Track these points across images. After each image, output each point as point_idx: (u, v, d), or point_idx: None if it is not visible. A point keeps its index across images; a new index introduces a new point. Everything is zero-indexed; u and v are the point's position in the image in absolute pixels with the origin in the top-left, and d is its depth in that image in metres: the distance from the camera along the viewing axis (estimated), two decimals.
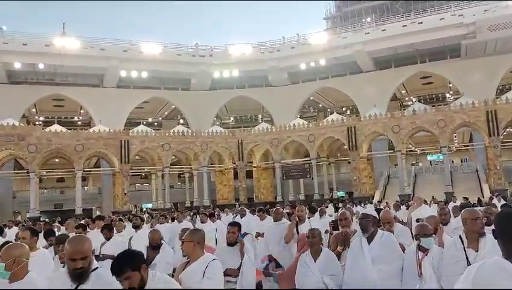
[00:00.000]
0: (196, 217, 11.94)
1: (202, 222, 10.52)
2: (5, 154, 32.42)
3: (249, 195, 38.87)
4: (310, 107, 52.15)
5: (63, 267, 5.24)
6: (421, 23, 39.33)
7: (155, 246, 6.30)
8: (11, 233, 10.83)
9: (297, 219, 7.04)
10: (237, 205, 30.18)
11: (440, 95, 47.75)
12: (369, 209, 5.34)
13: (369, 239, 4.55)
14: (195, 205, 35.06)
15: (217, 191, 40.48)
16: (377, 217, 4.85)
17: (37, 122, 43.71)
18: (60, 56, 38.50)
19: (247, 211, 14.22)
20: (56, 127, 34.74)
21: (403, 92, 47.44)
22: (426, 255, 4.26)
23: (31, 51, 38.66)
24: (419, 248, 4.31)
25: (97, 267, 3.09)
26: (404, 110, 37.97)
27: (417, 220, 8.74)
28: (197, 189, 37.98)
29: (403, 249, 4.88)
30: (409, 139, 36.63)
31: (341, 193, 39.61)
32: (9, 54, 38.41)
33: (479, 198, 23.37)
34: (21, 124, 34.84)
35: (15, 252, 3.31)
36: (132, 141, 35.02)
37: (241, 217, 11.97)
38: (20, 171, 36.95)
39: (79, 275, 2.96)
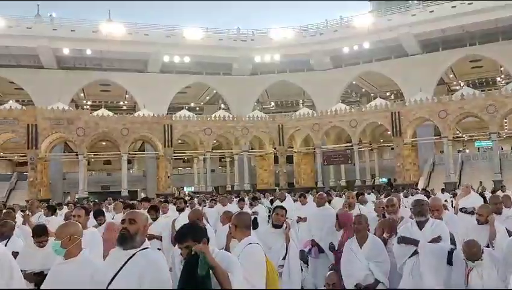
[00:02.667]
0: (244, 201, 12.03)
1: (240, 207, 10.55)
2: (55, 137, 33.83)
3: (289, 180, 38.83)
4: (353, 91, 51.19)
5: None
6: (471, 3, 37.43)
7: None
8: (61, 212, 11.35)
9: (347, 205, 6.98)
10: (277, 190, 30.29)
11: (490, 79, 45.61)
12: (420, 196, 5.21)
13: (420, 225, 4.46)
14: (236, 189, 35.42)
15: (258, 176, 40.69)
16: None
17: (85, 107, 45.30)
18: (106, 42, 39.61)
19: (288, 195, 14.25)
20: (103, 111, 35.86)
21: (451, 76, 45.63)
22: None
23: (79, 37, 39.94)
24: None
25: (147, 248, 3.14)
26: (452, 94, 36.55)
27: (461, 209, 8.46)
28: (238, 173, 38.35)
29: (452, 237, 4.76)
30: (456, 125, 35.32)
31: (383, 180, 38.87)
32: (59, 40, 39.82)
33: None
34: (70, 108, 36.17)
35: (70, 229, 3.44)
36: (175, 126, 35.65)
37: (281, 202, 11.95)
38: (69, 153, 38.56)
39: (121, 236, 3.05)
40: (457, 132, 39.13)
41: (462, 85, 42.91)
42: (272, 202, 13.95)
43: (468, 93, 33.05)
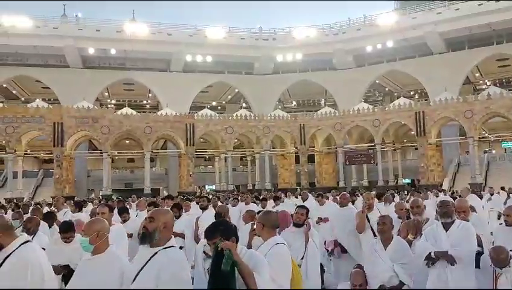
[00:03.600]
0: (267, 200, 12.03)
1: (262, 207, 10.57)
2: (80, 135, 34.50)
3: (310, 180, 38.66)
4: (376, 91, 50.64)
5: None
6: (499, 1, 36.52)
7: (221, 217, 6.40)
8: (86, 209, 11.55)
9: (367, 207, 6.90)
10: (298, 189, 30.17)
11: None
12: (446, 197, 5.11)
13: (446, 227, 4.37)
14: (257, 188, 35.45)
15: (279, 175, 40.63)
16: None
17: (109, 105, 46.03)
18: (130, 42, 40.20)
19: (310, 195, 14.18)
20: (127, 110, 36.38)
21: (477, 75, 44.68)
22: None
23: (104, 36, 40.69)
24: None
25: (171, 246, 3.13)
26: (478, 94, 35.77)
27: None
28: (259, 172, 38.38)
29: (479, 240, 4.66)
30: (482, 125, 34.54)
31: (406, 181, 38.33)
32: (84, 40, 40.61)
33: None
34: (95, 106, 36.82)
35: (97, 226, 3.49)
36: (197, 124, 35.90)
37: (303, 201, 11.90)
38: (94, 151, 39.26)
39: (142, 235, 3.10)
40: (484, 132, 38.28)
41: (488, 84, 41.96)
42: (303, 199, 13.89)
43: (495, 92, 32.29)
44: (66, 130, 32.23)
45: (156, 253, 3.05)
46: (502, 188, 19.47)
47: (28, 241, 3.33)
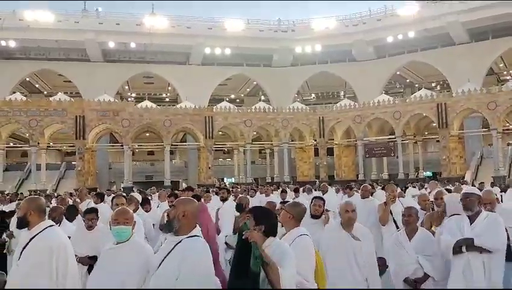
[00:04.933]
0: (286, 192, 12.03)
1: (282, 198, 10.53)
2: (102, 128, 34.96)
3: (329, 172, 38.45)
4: (396, 82, 49.94)
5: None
6: None
7: (241, 210, 6.41)
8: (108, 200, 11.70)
9: (392, 199, 6.81)
10: (317, 182, 30.04)
11: None
12: (472, 188, 4.98)
13: (472, 219, 4.26)
14: (276, 181, 35.44)
15: (297, 168, 40.52)
16: (481, 196, 4.50)
17: (129, 99, 46.53)
18: (149, 35, 40.47)
19: (330, 187, 14.10)
20: (147, 103, 36.68)
21: (501, 65, 43.64)
22: None
23: (124, 30, 41.05)
24: None
25: (195, 236, 3.14)
26: (502, 85, 34.96)
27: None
28: (278, 165, 38.33)
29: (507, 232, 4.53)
30: (506, 117, 33.76)
31: (427, 173, 37.77)
32: (104, 34, 41.04)
33: None
34: (116, 100, 37.24)
35: (131, 215, 3.64)
36: (216, 117, 36.00)
37: (323, 194, 11.81)
38: (115, 144, 39.78)
39: (166, 223, 3.22)
40: (507, 124, 37.40)
41: None
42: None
43: None
44: (88, 123, 32.69)
45: (180, 241, 3.07)
46: None
47: (53, 225, 3.42)
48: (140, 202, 7.04)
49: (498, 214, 4.49)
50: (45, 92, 47.05)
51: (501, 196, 12.50)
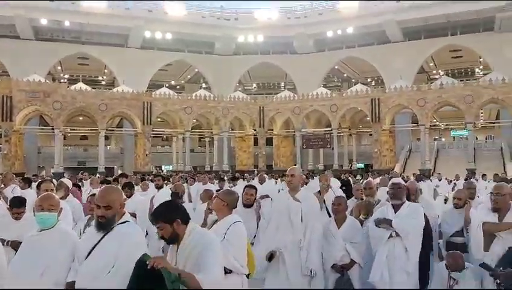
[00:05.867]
0: (224, 180, 12.04)
1: (220, 187, 10.56)
2: (30, 110, 33.02)
3: (268, 162, 38.99)
4: (334, 76, 51.35)
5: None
6: None
7: (177, 199, 6.38)
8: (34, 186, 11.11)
9: (325, 189, 7.02)
10: (255, 172, 30.36)
11: (469, 70, 46.40)
12: (399, 179, 5.26)
13: (396, 208, 4.51)
14: (215, 170, 35.40)
15: (237, 157, 40.70)
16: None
17: (62, 80, 44.23)
18: (85, 14, 38.59)
19: (267, 177, 14.30)
20: (81, 86, 35.05)
21: (431, 64, 46.17)
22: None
23: (58, 8, 38.74)
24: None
25: (126, 221, 3.08)
26: (431, 83, 37.04)
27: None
28: (217, 154, 38.27)
29: (427, 221, 4.83)
30: (433, 114, 35.89)
31: (360, 165, 39.36)
32: (36, 10, 38.54)
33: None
34: (47, 80, 35.25)
35: (58, 201, 3.50)
36: (154, 103, 35.21)
37: (261, 184, 11.93)
38: (45, 127, 37.76)
39: (100, 224, 2.97)
40: (435, 120, 39.78)
41: (441, 74, 43.44)
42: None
43: (447, 82, 33.54)
44: (16, 104, 30.75)
45: (111, 229, 2.99)
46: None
47: None
48: (70, 188, 6.73)
49: (419, 204, 4.78)
50: None
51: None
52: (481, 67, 44.50)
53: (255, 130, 38.99)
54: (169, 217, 2.88)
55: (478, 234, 4.06)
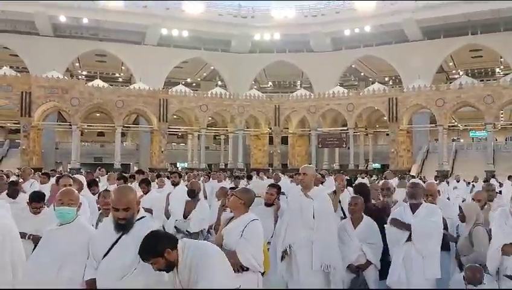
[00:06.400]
0: (239, 179, 12.03)
1: (235, 185, 10.55)
2: (49, 106, 33.51)
3: (282, 161, 38.89)
4: (351, 75, 50.96)
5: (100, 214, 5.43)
6: None
7: (193, 196, 6.39)
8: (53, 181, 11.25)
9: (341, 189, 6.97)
10: (270, 170, 30.32)
11: (489, 70, 45.64)
12: (418, 180, 5.19)
13: (414, 209, 4.44)
14: (230, 168, 35.45)
15: (251, 155, 40.69)
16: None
17: (80, 77, 44.79)
18: (103, 12, 38.98)
19: (282, 176, 14.22)
20: (98, 82, 35.48)
21: (450, 64, 45.48)
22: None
23: (77, 5, 39.20)
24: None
25: (143, 217, 3.14)
26: (450, 83, 36.50)
27: None
28: (232, 152, 38.31)
29: (445, 223, 4.75)
30: (452, 114, 35.36)
31: (376, 165, 39.00)
32: (55, 7, 39.09)
33: None
34: (65, 77, 35.73)
35: (77, 196, 3.54)
36: (170, 100, 35.40)
37: (276, 182, 11.87)
38: (62, 123, 38.27)
39: (121, 226, 3.01)
40: (453, 121, 39.20)
41: (461, 74, 42.79)
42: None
43: (467, 82, 33.01)
44: (34, 100, 31.25)
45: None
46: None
47: None
48: (84, 183, 6.78)
49: (437, 206, 4.69)
50: None
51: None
52: (502, 67, 43.71)
53: (270, 128, 38.92)
54: (158, 251, 2.77)
55: (496, 256, 3.95)
